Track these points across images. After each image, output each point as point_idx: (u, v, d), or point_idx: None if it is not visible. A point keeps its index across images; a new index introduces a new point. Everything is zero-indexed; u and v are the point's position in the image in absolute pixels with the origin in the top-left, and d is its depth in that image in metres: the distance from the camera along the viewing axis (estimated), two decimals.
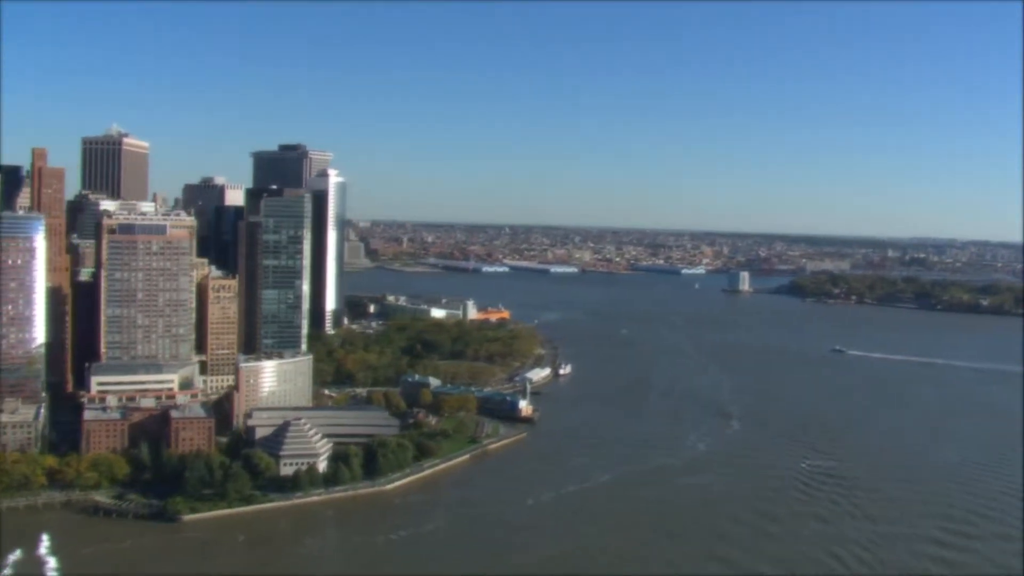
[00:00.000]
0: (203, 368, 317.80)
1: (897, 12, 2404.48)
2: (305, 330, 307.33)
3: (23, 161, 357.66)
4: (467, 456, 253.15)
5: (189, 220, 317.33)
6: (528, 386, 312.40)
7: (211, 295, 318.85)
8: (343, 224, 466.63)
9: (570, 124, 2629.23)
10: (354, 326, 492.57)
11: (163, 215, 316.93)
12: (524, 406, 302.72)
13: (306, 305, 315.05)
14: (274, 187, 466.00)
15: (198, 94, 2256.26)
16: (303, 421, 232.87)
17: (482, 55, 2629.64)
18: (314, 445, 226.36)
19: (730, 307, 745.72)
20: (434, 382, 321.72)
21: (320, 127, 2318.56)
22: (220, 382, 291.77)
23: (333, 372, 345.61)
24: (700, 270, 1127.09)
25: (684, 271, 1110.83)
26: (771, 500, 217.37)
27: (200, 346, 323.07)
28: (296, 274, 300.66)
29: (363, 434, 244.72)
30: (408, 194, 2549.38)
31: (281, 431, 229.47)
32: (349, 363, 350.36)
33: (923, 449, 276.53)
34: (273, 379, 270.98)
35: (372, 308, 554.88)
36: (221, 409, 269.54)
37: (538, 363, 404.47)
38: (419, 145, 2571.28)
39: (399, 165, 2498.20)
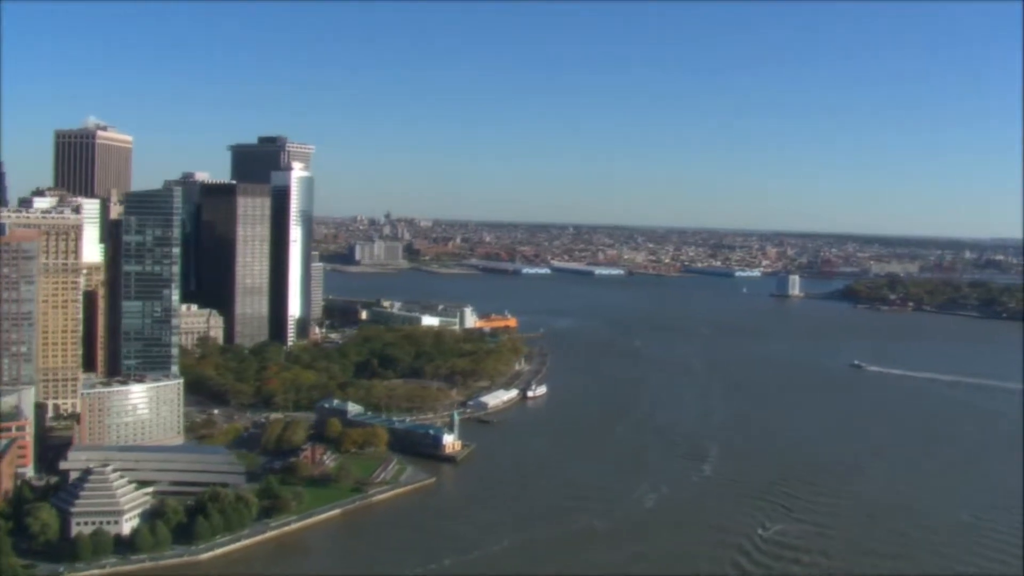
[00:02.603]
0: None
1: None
2: (176, 348, 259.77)
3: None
4: (338, 511, 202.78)
5: (73, 219, 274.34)
6: (456, 418, 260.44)
7: (101, 304, 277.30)
8: (309, 222, 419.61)
9: (637, 122, 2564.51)
10: (333, 335, 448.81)
11: (41, 212, 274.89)
12: (449, 442, 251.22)
13: (176, 320, 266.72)
14: (232, 182, 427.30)
15: (195, 89, 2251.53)
16: (110, 468, 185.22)
17: (545, 52, 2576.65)
18: (117, 499, 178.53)
19: (771, 314, 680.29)
20: (354, 409, 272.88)
21: (377, 125, 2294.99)
22: None
23: (253, 393, 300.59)
24: (756, 272, 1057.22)
25: (738, 273, 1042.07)
26: None
27: (91, 363, 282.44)
28: (164, 282, 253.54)
29: (204, 483, 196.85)
30: (473, 193, 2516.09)
31: (80, 481, 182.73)
32: (274, 383, 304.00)
33: (929, 510, 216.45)
34: (130, 408, 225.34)
35: (364, 314, 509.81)
36: None
37: (513, 382, 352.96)
38: (484, 143, 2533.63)
39: (463, 163, 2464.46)
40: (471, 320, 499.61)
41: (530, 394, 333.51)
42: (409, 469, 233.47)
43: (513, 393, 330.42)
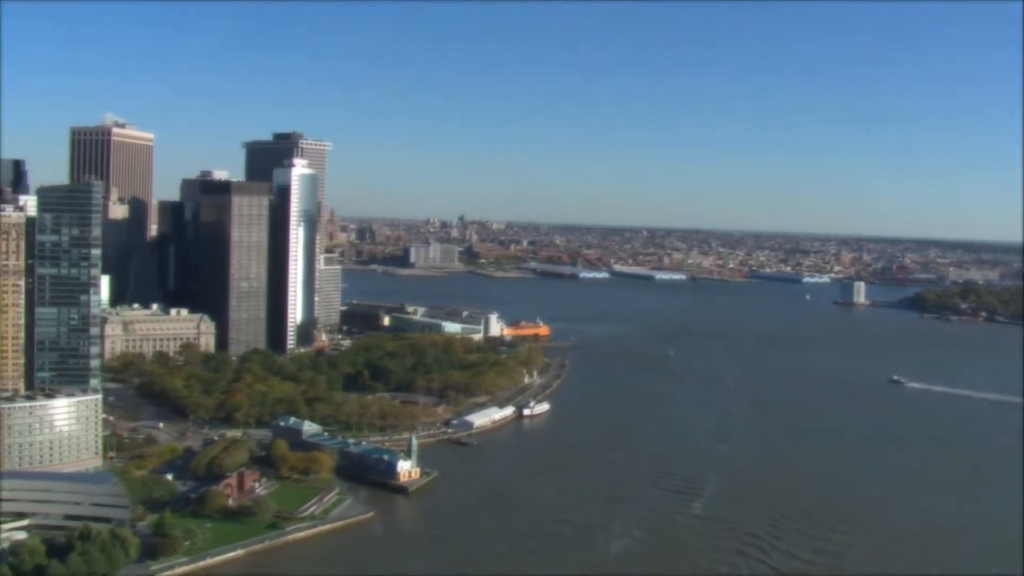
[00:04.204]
0: None
1: None
2: (97, 360, 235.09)
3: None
4: (241, 552, 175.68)
5: (15, 217, 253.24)
6: (415, 442, 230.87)
7: None
8: (312, 222, 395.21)
9: (717, 125, 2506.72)
10: (345, 342, 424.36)
11: None
12: (405, 469, 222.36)
13: (96, 329, 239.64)
14: (228, 179, 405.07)
15: (216, 87, 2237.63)
16: None
17: (623, 57, 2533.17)
18: None
19: (827, 323, 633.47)
20: (310, 428, 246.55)
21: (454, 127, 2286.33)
22: None
23: (215, 407, 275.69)
24: (825, 279, 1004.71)
25: (806, 279, 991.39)
26: None
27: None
28: (82, 287, 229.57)
29: (88, 516, 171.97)
30: (549, 196, 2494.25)
31: None
32: (239, 397, 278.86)
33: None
34: (35, 427, 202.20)
35: (386, 320, 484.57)
36: None
37: (516, 397, 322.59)
38: (561, 146, 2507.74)
39: (540, 166, 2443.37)
40: (496, 328, 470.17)
41: (527, 412, 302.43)
42: (349, 501, 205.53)
43: (508, 411, 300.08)
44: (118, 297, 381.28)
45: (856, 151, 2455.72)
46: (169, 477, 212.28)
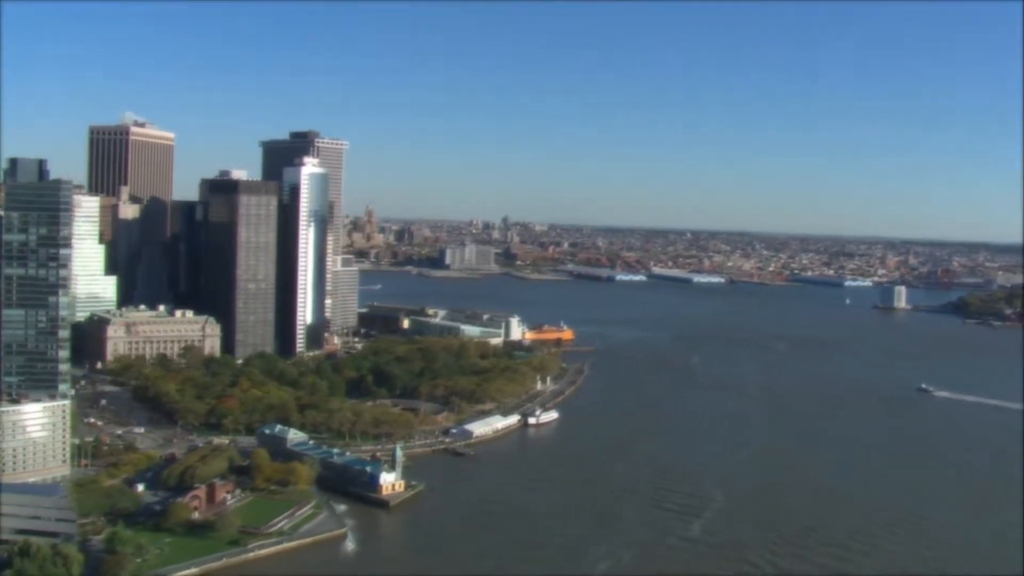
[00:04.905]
0: None
1: None
2: (66, 365, 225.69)
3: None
4: (195, 570, 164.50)
5: None
6: (399, 453, 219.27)
7: None
8: (323, 221, 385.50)
9: (763, 127, 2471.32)
10: (359, 345, 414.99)
11: None
12: (388, 481, 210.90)
13: (65, 332, 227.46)
14: (226, 179, 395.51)
15: (240, 86, 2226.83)
16: None
17: (670, 58, 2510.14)
18: None
19: (864, 328, 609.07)
20: (296, 437, 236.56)
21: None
22: None
23: (206, 413, 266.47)
24: (867, 283, 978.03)
25: (848, 283, 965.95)
26: None
27: None
28: (51, 288, 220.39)
29: (34, 530, 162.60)
30: (595, 198, 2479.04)
31: None
32: (230, 403, 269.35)
33: None
34: None
35: (406, 323, 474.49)
36: None
37: (525, 405, 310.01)
38: (605, 147, 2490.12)
39: (586, 168, 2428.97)
40: (517, 331, 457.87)
41: (533, 420, 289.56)
42: (323, 515, 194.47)
43: (512, 419, 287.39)
44: (126, 298, 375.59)
45: (906, 152, 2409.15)
46: (140, 487, 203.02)
